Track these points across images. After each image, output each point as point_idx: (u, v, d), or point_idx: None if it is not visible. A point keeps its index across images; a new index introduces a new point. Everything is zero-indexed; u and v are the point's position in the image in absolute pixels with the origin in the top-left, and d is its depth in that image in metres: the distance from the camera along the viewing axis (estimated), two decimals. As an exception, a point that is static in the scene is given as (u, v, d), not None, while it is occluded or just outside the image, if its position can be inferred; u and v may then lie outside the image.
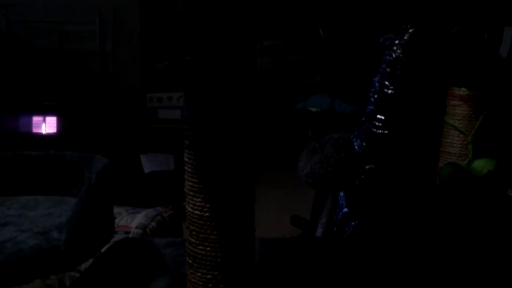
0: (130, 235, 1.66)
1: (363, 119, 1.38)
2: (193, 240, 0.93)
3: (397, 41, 1.33)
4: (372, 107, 1.36)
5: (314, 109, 2.39)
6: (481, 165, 1.29)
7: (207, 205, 0.90)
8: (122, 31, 3.30)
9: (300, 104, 2.54)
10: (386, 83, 1.33)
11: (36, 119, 2.99)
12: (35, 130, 2.98)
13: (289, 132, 4.85)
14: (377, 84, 1.36)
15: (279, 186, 3.61)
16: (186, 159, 0.92)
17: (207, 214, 0.90)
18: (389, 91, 1.32)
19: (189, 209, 0.93)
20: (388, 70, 1.34)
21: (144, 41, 3.33)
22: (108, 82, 3.24)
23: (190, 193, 0.92)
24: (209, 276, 0.92)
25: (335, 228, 1.42)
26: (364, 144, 1.44)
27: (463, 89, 1.32)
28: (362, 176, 1.36)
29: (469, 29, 1.47)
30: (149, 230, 1.71)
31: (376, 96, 1.35)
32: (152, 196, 2.06)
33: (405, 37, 1.33)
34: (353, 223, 1.37)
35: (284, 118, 4.44)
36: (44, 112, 2.99)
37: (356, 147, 1.35)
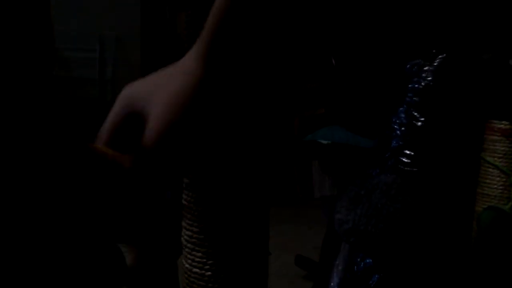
0: None
1: (388, 154, 1.23)
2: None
3: (426, 68, 1.19)
4: (399, 141, 1.21)
5: (324, 142, 2.24)
6: (526, 210, 1.14)
7: (209, 262, 0.72)
8: (123, 58, 3.36)
9: (309, 136, 2.40)
10: (415, 114, 1.17)
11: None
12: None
13: (292, 164, 4.69)
14: (403, 115, 1.20)
15: (281, 222, 3.42)
16: (185, 202, 0.75)
17: (209, 273, 0.72)
18: (419, 123, 1.16)
19: (187, 265, 0.75)
20: (415, 99, 1.19)
21: (144, 68, 3.36)
22: (105, 110, 3.22)
23: (188, 245, 0.74)
24: None
25: (355, 280, 1.23)
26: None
27: (504, 122, 1.19)
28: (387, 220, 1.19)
29: (501, 56, 1.35)
30: None
31: (403, 128, 1.20)
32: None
33: (436, 63, 1.19)
34: (376, 276, 1.19)
35: (287, 150, 4.32)
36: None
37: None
